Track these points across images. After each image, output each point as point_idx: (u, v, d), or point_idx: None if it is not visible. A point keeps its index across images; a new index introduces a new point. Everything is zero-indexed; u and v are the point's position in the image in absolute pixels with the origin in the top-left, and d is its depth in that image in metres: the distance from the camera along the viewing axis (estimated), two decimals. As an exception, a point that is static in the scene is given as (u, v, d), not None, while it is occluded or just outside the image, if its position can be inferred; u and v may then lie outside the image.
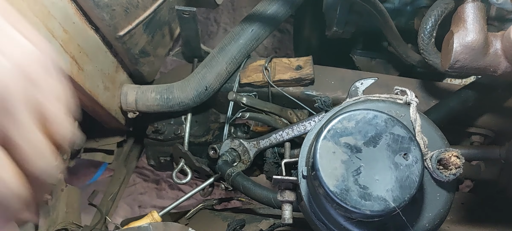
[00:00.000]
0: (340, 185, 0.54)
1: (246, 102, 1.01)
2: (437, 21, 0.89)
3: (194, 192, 1.11)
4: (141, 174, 2.28)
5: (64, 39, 0.87)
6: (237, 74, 1.10)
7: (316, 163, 0.56)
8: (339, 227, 0.61)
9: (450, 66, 0.78)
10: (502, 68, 0.77)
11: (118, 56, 1.06)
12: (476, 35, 0.75)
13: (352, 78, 1.10)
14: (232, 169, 1.00)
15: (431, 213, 0.60)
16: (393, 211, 0.54)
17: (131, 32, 0.99)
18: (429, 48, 0.92)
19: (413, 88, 1.09)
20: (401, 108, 0.64)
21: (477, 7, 0.76)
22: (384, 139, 0.56)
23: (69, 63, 0.89)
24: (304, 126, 0.96)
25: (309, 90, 1.08)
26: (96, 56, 0.98)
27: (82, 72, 0.94)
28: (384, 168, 0.55)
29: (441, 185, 0.60)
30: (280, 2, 1.04)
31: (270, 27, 1.07)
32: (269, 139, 1.02)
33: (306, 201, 0.64)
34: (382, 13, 1.00)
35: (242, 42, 1.06)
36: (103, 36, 0.98)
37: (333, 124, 0.58)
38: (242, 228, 0.92)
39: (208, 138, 1.14)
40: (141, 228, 0.73)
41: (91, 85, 0.98)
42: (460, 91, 0.99)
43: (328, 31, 1.18)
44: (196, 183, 1.21)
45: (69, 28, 0.88)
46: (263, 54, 2.27)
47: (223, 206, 1.40)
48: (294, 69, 1.07)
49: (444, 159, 0.56)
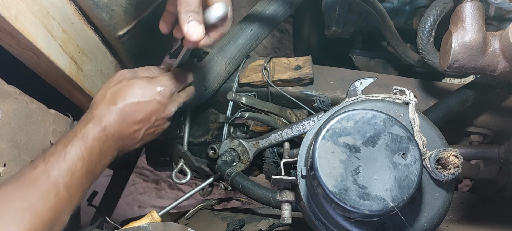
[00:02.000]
0: (339, 185, 0.54)
1: (245, 102, 1.01)
2: (435, 21, 0.89)
3: (193, 192, 1.11)
4: (141, 174, 2.28)
5: (63, 39, 0.87)
6: (237, 74, 1.10)
7: (315, 163, 0.56)
8: (338, 226, 0.61)
9: (448, 66, 0.78)
10: (500, 68, 0.77)
11: (117, 56, 1.06)
12: (474, 35, 0.75)
13: (351, 78, 1.10)
14: (232, 169, 1.00)
15: (430, 213, 0.60)
16: (392, 210, 0.54)
17: (130, 32, 0.99)
18: (428, 48, 0.92)
19: (412, 88, 1.09)
20: (400, 108, 0.64)
21: (476, 7, 0.76)
22: (383, 139, 0.57)
23: (68, 64, 0.89)
24: (303, 125, 0.96)
25: (308, 90, 1.09)
26: (95, 56, 0.98)
27: (81, 72, 0.94)
28: (382, 167, 0.55)
29: (440, 185, 0.60)
30: (279, 2, 1.04)
31: (269, 27, 1.07)
32: (268, 139, 1.02)
33: (305, 200, 0.64)
34: (381, 12, 1.00)
35: (241, 42, 1.06)
36: (102, 36, 0.98)
37: (332, 123, 0.58)
38: (242, 228, 0.92)
39: (207, 137, 1.14)
40: (141, 228, 0.73)
41: (90, 86, 0.98)
42: (459, 91, 0.99)
43: (327, 31, 1.18)
44: (195, 183, 1.22)
45: (68, 28, 0.88)
46: (262, 54, 2.27)
47: (223, 206, 1.41)
48: (293, 69, 1.07)
49: (443, 159, 0.57)
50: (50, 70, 0.88)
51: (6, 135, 0.79)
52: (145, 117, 0.78)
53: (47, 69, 0.89)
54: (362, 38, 1.24)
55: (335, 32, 1.15)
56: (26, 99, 0.84)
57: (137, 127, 0.78)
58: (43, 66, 0.87)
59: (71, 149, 0.69)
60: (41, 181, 0.65)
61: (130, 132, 0.78)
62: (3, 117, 0.78)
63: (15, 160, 0.81)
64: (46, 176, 0.65)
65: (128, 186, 2.17)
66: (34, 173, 0.65)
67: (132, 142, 0.80)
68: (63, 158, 0.67)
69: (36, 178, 0.64)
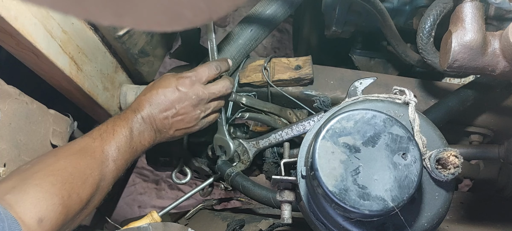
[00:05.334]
0: (339, 185, 0.54)
1: (245, 102, 1.02)
2: (435, 21, 0.89)
3: (193, 192, 1.11)
4: (141, 174, 2.28)
5: (63, 40, 0.87)
6: (237, 74, 1.10)
7: (315, 163, 0.56)
8: (338, 226, 0.61)
9: (448, 66, 0.78)
10: (500, 68, 0.77)
11: (117, 56, 1.06)
12: (474, 35, 0.75)
13: (351, 78, 1.10)
14: (232, 169, 1.00)
15: (430, 213, 0.60)
16: (392, 210, 0.54)
17: (130, 32, 0.99)
18: (428, 48, 0.92)
19: (412, 87, 1.09)
20: (400, 108, 0.64)
21: (476, 7, 0.76)
22: (383, 139, 0.57)
23: (68, 64, 0.89)
24: (303, 125, 0.96)
25: (308, 90, 1.09)
26: (95, 57, 0.98)
27: (81, 72, 0.94)
28: (382, 167, 0.55)
29: (440, 185, 0.60)
30: (279, 2, 1.04)
31: (269, 27, 1.07)
32: (268, 139, 1.02)
33: (305, 201, 0.64)
34: (381, 12, 1.00)
35: (241, 42, 1.06)
36: (102, 37, 0.98)
37: (332, 123, 0.58)
38: (242, 228, 0.92)
39: (207, 138, 1.15)
40: (141, 228, 0.73)
41: (90, 86, 0.98)
42: (459, 91, 0.99)
43: (327, 31, 1.18)
44: (195, 183, 1.22)
45: (68, 29, 0.88)
46: (262, 54, 2.27)
47: (223, 206, 1.41)
48: (293, 69, 1.07)
49: (443, 159, 0.57)
50: (50, 70, 0.88)
51: (6, 135, 0.79)
52: (169, 105, 0.89)
53: (47, 70, 0.89)
54: (362, 38, 1.24)
55: (335, 32, 1.15)
56: (26, 99, 0.84)
57: (165, 113, 0.89)
58: (43, 66, 0.87)
59: (118, 128, 0.83)
60: (97, 153, 0.78)
61: (161, 118, 0.89)
62: (3, 117, 0.78)
63: (15, 160, 0.81)
64: (101, 149, 0.79)
65: (128, 186, 2.17)
66: (93, 146, 0.79)
67: (165, 127, 0.90)
68: (112, 135, 0.82)
69: (94, 151, 0.78)
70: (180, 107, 0.89)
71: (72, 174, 0.72)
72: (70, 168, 0.73)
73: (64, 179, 0.70)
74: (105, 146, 0.80)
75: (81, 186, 0.73)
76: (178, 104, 0.89)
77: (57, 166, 0.72)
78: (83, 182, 0.73)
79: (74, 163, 0.74)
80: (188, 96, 0.89)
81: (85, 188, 0.74)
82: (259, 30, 1.06)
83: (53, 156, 0.75)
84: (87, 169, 0.75)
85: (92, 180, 0.75)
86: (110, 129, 0.83)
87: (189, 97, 0.89)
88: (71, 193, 0.70)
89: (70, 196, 0.70)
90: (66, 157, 0.75)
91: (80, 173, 0.74)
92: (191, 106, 0.90)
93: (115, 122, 0.84)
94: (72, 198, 0.70)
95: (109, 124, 0.84)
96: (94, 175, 0.76)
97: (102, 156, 0.79)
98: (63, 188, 0.69)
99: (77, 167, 0.74)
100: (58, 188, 0.69)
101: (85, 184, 0.74)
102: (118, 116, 0.86)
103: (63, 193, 0.69)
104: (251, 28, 1.06)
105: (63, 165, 0.73)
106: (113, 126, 0.83)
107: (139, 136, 0.86)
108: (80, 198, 0.72)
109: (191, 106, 0.90)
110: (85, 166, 0.75)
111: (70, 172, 0.72)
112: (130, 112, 0.87)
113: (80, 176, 0.73)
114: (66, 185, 0.70)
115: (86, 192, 0.74)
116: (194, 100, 0.89)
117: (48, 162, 0.73)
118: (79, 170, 0.74)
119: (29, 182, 0.67)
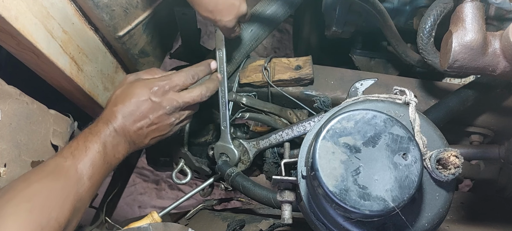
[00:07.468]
0: (340, 185, 0.54)
1: (245, 102, 1.02)
2: (436, 21, 0.89)
3: (194, 192, 1.11)
4: (141, 174, 2.28)
5: (64, 40, 0.87)
6: (237, 74, 1.10)
7: (315, 163, 0.56)
8: (338, 227, 0.61)
9: (449, 66, 0.78)
10: (501, 68, 0.77)
11: (117, 57, 1.07)
12: (475, 35, 0.75)
13: (352, 78, 1.10)
14: (232, 169, 1.00)
15: (431, 213, 0.60)
16: (392, 211, 0.54)
17: (131, 33, 0.99)
18: (428, 48, 0.92)
19: (412, 88, 1.09)
20: (400, 108, 0.64)
21: (476, 7, 0.76)
22: (383, 139, 0.57)
23: (68, 64, 0.89)
24: (304, 126, 0.96)
25: (309, 90, 1.09)
26: (95, 57, 0.98)
27: (82, 73, 0.94)
28: (383, 168, 0.55)
29: (440, 185, 0.60)
30: (279, 2, 1.04)
31: (269, 27, 1.07)
32: (268, 139, 1.02)
33: (306, 201, 0.64)
34: (381, 12, 1.00)
35: (241, 43, 1.06)
36: (102, 37, 0.98)
37: (332, 124, 0.58)
38: (242, 228, 0.92)
39: (207, 138, 1.15)
40: (141, 228, 0.73)
41: (91, 86, 0.98)
42: (459, 91, 0.99)
43: (328, 31, 1.18)
44: (196, 183, 1.22)
45: (68, 29, 0.88)
46: (262, 54, 2.27)
47: (223, 206, 1.41)
48: (293, 69, 1.07)
49: (443, 159, 0.57)
50: (51, 70, 0.89)
51: (6, 135, 0.79)
52: (142, 115, 0.86)
53: (48, 70, 0.89)
54: (362, 38, 1.24)
55: (335, 32, 1.15)
56: (27, 99, 0.84)
57: (139, 124, 0.87)
58: (43, 66, 0.87)
59: (90, 144, 0.80)
60: (71, 173, 0.76)
61: (134, 129, 0.86)
62: (4, 117, 0.78)
63: (15, 160, 0.81)
64: (74, 169, 0.76)
65: (128, 186, 2.17)
66: (66, 166, 0.76)
67: (139, 138, 0.88)
68: (85, 152, 0.78)
69: (68, 170, 0.75)
70: (154, 117, 0.87)
71: (48, 198, 0.70)
72: (45, 192, 0.70)
73: (41, 204, 0.68)
74: (79, 164, 0.77)
75: (59, 210, 0.70)
76: (152, 114, 0.87)
77: (30, 190, 0.69)
78: (60, 206, 0.70)
79: (49, 186, 0.71)
80: (162, 106, 0.87)
81: (63, 211, 0.71)
82: (259, 30, 1.06)
83: (23, 181, 0.71)
84: (63, 191, 0.72)
85: (69, 203, 0.72)
86: (81, 145, 0.79)
87: (162, 107, 0.87)
88: (49, 219, 0.68)
89: (48, 222, 0.67)
90: (38, 180, 0.72)
91: (55, 197, 0.71)
92: (165, 115, 0.88)
93: (87, 138, 0.80)
94: (50, 225, 0.68)
95: (79, 140, 0.80)
96: (70, 197, 0.73)
97: (76, 175, 0.76)
98: (41, 214, 0.67)
99: (52, 190, 0.71)
100: (36, 215, 0.66)
101: (63, 208, 0.71)
102: (89, 130, 0.83)
103: (41, 220, 0.66)
104: (251, 28, 1.06)
105: (37, 189, 0.70)
106: (85, 142, 0.80)
107: (113, 150, 0.83)
108: (58, 223, 0.69)
109: (165, 115, 0.88)
110: (60, 188, 0.72)
111: (46, 195, 0.70)
112: (102, 124, 0.83)
113: (56, 199, 0.70)
114: (44, 210, 0.67)
115: (64, 216, 0.71)
116: (168, 110, 0.87)
117: (19, 188, 0.69)
118: (55, 193, 0.71)
119: (4, 212, 0.64)
